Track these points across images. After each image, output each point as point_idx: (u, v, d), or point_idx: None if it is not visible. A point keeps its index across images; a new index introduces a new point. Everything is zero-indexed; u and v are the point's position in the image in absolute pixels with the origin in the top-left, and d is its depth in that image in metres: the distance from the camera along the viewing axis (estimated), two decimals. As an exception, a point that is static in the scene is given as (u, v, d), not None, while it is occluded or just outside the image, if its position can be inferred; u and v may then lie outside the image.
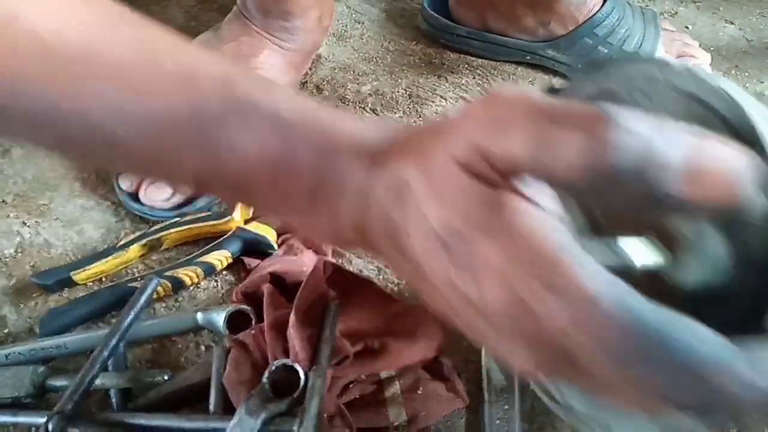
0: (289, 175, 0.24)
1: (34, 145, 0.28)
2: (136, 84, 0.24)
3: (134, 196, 0.53)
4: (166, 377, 0.42)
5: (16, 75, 0.23)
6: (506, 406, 0.42)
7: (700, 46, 0.72)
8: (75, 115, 0.24)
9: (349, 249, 0.29)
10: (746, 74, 0.74)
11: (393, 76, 0.70)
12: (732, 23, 0.82)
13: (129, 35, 0.25)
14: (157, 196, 0.52)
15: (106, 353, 0.41)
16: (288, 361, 0.39)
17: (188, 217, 0.52)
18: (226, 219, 0.51)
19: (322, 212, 0.24)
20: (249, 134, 0.24)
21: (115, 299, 0.47)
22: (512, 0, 0.70)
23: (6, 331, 0.47)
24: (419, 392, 0.42)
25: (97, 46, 0.24)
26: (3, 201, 0.55)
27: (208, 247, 0.50)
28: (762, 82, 0.73)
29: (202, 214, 0.52)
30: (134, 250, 0.50)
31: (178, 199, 0.53)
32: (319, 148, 0.24)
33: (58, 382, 0.42)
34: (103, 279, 0.50)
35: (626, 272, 0.21)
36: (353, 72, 0.70)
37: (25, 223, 0.54)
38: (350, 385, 0.42)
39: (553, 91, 0.29)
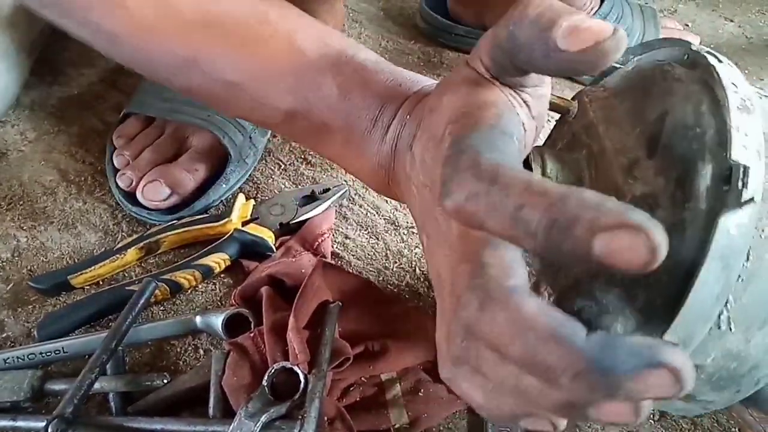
0: (359, 112, 0.30)
1: (152, 78, 0.36)
2: (250, 41, 0.31)
3: (131, 197, 0.53)
4: (165, 381, 0.42)
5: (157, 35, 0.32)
6: (507, 408, 0.42)
7: (699, 44, 0.72)
8: (196, 62, 0.32)
9: (384, 192, 0.34)
10: (746, 72, 0.74)
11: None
12: (731, 21, 0.82)
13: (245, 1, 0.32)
14: (155, 195, 0.52)
15: (104, 357, 0.41)
16: (288, 364, 0.39)
17: (186, 220, 0.52)
18: (224, 221, 0.51)
19: (371, 147, 0.31)
20: (336, 79, 0.31)
21: (112, 303, 0.47)
22: (509, 0, 0.70)
23: (4, 335, 0.47)
24: (420, 394, 0.42)
25: (222, 9, 0.32)
26: (-1, 204, 0.55)
27: (205, 249, 0.49)
28: (762, 80, 0.73)
29: (200, 217, 0.52)
30: (132, 254, 0.50)
31: (175, 199, 0.52)
32: (385, 92, 0.30)
33: (56, 386, 0.42)
34: (101, 282, 0.50)
35: None
36: (351, 72, 0.70)
37: (21, 227, 0.53)
38: (351, 388, 0.42)
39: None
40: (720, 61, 0.30)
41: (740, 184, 0.25)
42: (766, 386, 0.40)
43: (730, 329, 0.28)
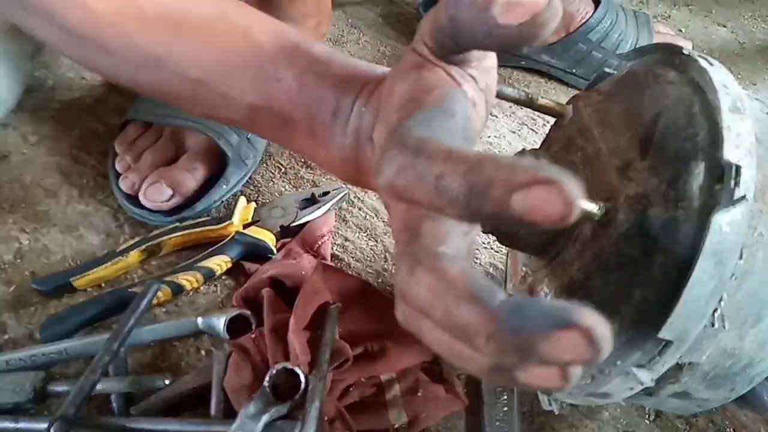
0: (319, 103, 0.31)
1: (116, 79, 0.36)
2: (210, 36, 0.32)
3: (133, 199, 0.53)
4: (167, 382, 0.42)
5: (118, 28, 0.32)
6: (505, 408, 0.43)
7: (692, 49, 0.73)
8: (158, 58, 0.32)
9: (356, 183, 0.34)
10: (738, 76, 0.75)
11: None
12: (724, 26, 0.83)
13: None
14: (157, 196, 0.52)
15: (106, 358, 0.41)
16: (288, 365, 0.39)
17: (187, 223, 0.52)
18: (225, 224, 0.51)
19: (335, 138, 0.31)
20: (294, 71, 0.31)
21: (115, 305, 0.47)
22: None
23: (6, 337, 0.47)
24: (419, 394, 0.42)
25: (182, 7, 0.32)
26: (1, 207, 0.55)
27: (207, 251, 0.50)
28: (754, 84, 0.74)
29: (201, 219, 0.53)
30: (134, 256, 0.50)
31: (177, 199, 0.53)
32: (341, 82, 0.31)
33: (59, 387, 0.42)
34: (103, 285, 0.50)
35: None
36: (350, 76, 0.71)
37: (23, 230, 0.54)
38: (350, 388, 0.42)
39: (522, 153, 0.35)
40: (711, 64, 0.30)
41: (732, 182, 0.26)
42: (760, 385, 0.40)
43: (724, 327, 0.28)
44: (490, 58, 0.29)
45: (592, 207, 0.29)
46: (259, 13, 0.34)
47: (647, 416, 0.45)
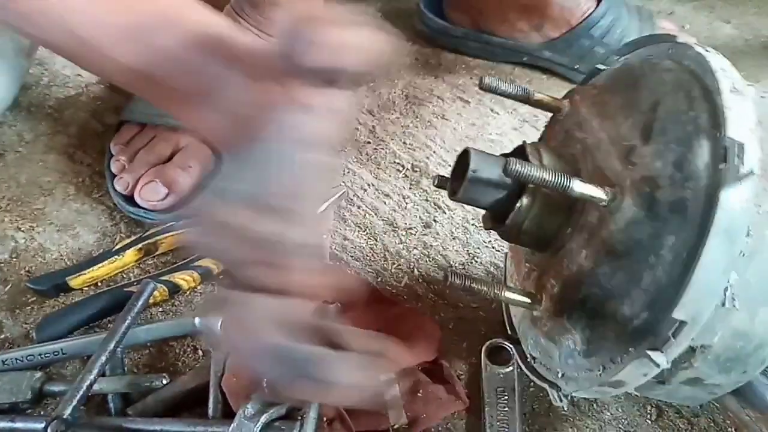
0: (199, 74, 0.33)
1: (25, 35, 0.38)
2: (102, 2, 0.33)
3: (129, 199, 0.53)
4: (164, 382, 0.42)
5: None
6: (506, 408, 0.42)
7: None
8: (45, 11, 0.33)
9: (227, 147, 0.36)
10: (743, 73, 0.74)
11: (389, 76, 0.70)
12: (728, 22, 0.82)
13: None
14: (152, 196, 0.52)
15: (103, 358, 0.41)
16: (287, 365, 0.39)
17: (184, 221, 0.52)
18: (223, 222, 0.51)
19: (213, 109, 0.33)
20: (174, 40, 0.33)
21: (111, 304, 0.47)
22: (504, 4, 0.70)
23: (2, 336, 0.47)
24: (419, 395, 0.42)
25: None
26: (-3, 205, 0.55)
27: (205, 250, 0.50)
28: (758, 81, 0.74)
29: (199, 218, 0.52)
30: (130, 255, 0.50)
31: (172, 198, 0.53)
32: (221, 55, 0.33)
33: (55, 387, 0.42)
34: (99, 284, 0.50)
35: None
36: (349, 73, 0.70)
37: (19, 228, 0.53)
38: (349, 389, 0.42)
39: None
40: (707, 50, 0.31)
41: (737, 159, 0.26)
42: (761, 385, 0.40)
43: (735, 307, 0.28)
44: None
45: (599, 194, 0.29)
46: None
47: (649, 416, 0.44)
